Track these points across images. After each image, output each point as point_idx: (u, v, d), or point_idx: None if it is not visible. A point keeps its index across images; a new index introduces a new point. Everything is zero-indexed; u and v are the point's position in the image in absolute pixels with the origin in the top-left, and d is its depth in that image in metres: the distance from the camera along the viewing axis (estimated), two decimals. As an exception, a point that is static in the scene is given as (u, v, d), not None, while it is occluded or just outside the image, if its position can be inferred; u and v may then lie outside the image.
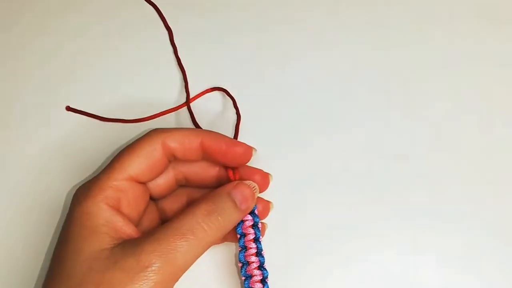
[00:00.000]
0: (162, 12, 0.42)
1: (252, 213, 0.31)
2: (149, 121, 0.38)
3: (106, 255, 0.26)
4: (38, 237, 0.35)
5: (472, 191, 0.37)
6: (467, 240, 0.35)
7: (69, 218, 0.28)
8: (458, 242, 0.35)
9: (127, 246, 0.27)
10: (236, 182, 0.31)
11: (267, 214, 0.33)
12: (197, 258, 0.28)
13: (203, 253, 0.28)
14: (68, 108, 0.39)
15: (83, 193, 0.29)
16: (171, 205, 0.34)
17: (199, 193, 0.33)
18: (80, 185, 0.30)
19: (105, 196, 0.28)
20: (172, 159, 0.31)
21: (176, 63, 0.41)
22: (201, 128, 0.36)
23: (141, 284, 0.25)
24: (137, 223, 0.31)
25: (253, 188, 0.31)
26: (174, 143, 0.30)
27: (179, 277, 0.27)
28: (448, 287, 0.34)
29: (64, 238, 0.28)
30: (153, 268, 0.26)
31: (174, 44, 0.41)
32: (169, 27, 0.42)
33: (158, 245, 0.26)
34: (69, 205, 0.29)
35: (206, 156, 0.31)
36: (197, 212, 0.28)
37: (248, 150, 0.31)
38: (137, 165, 0.29)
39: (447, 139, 0.38)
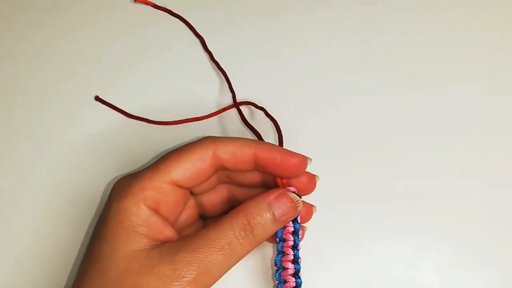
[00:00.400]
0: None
1: (294, 219, 0.31)
2: (185, 124, 0.39)
3: (143, 257, 0.26)
4: (71, 232, 0.35)
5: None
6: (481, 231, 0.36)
7: (107, 213, 0.28)
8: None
9: (165, 251, 0.27)
10: (279, 191, 0.29)
11: (309, 218, 0.33)
12: (230, 268, 0.28)
13: (237, 263, 0.28)
14: (97, 98, 0.39)
15: (123, 189, 0.28)
16: (210, 200, 0.33)
17: (241, 190, 0.33)
18: (116, 179, 0.30)
19: (145, 196, 0.28)
20: (221, 169, 0.30)
21: (213, 68, 0.41)
22: (253, 128, 0.36)
23: None
24: (174, 223, 0.31)
25: (296, 202, 0.30)
26: (226, 154, 0.29)
27: (211, 286, 0.28)
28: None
29: (100, 235, 0.28)
30: (188, 278, 0.26)
31: (208, 50, 0.42)
32: (199, 35, 0.42)
33: (195, 256, 0.26)
34: (104, 200, 0.30)
35: (258, 168, 0.30)
36: (235, 225, 0.28)
37: (304, 161, 0.30)
38: (183, 171, 0.29)
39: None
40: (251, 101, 0.39)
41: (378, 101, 0.40)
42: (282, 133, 0.35)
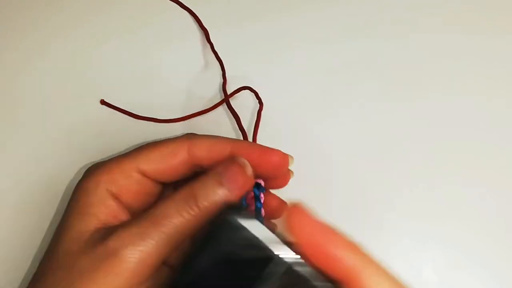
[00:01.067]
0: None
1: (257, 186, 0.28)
2: (180, 122, 0.38)
3: (85, 238, 0.25)
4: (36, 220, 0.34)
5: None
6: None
7: (73, 193, 0.28)
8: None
9: (104, 232, 0.25)
10: (227, 162, 0.27)
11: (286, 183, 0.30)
12: (174, 246, 0.25)
13: (182, 240, 0.25)
14: (102, 102, 0.39)
15: (90, 171, 0.28)
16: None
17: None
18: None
19: (108, 179, 0.27)
20: (199, 168, 0.29)
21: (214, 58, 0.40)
22: (235, 113, 0.34)
23: (106, 273, 0.24)
24: (136, 213, 0.29)
25: (244, 166, 0.27)
26: (201, 151, 0.28)
27: (153, 268, 0.25)
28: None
29: (64, 213, 0.28)
30: (120, 256, 0.24)
31: (210, 41, 0.41)
32: (204, 27, 0.42)
33: (129, 232, 0.24)
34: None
35: None
36: (176, 197, 0.25)
37: (284, 159, 0.28)
38: (151, 162, 0.28)
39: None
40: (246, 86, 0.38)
41: (381, 102, 0.39)
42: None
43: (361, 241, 0.31)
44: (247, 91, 0.38)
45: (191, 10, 0.42)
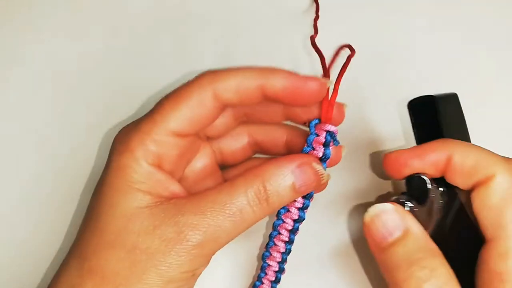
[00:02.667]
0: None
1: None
2: None
3: (145, 215, 0.24)
4: (67, 191, 0.32)
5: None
6: None
7: (106, 169, 0.26)
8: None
9: (170, 211, 0.24)
10: (304, 159, 0.26)
11: (338, 161, 0.28)
12: (238, 235, 0.25)
13: (246, 230, 0.25)
14: None
15: (122, 142, 0.26)
16: (229, 146, 0.30)
17: (263, 133, 0.30)
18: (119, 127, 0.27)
19: (145, 152, 0.25)
20: (225, 107, 0.27)
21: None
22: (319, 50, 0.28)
23: (179, 257, 0.24)
24: (184, 177, 0.28)
25: (321, 176, 0.26)
26: (228, 92, 0.26)
27: (216, 252, 0.25)
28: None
29: (100, 191, 0.26)
30: (193, 242, 0.24)
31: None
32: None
33: (202, 220, 0.24)
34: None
35: (269, 100, 0.26)
36: (249, 190, 0.25)
37: (323, 85, 0.26)
38: (181, 119, 0.25)
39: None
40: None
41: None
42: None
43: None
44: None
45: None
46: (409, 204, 0.25)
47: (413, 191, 0.26)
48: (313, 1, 0.34)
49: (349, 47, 0.26)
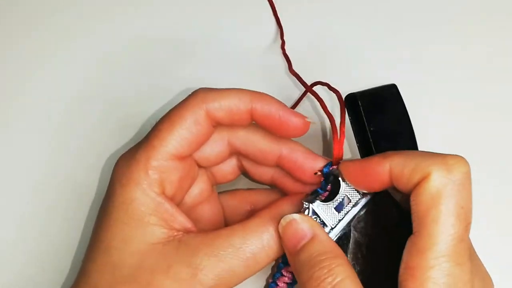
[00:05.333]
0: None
1: None
2: None
3: (158, 252, 0.25)
4: (71, 218, 0.32)
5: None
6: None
7: (111, 202, 0.26)
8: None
9: (183, 250, 0.25)
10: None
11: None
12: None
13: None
14: None
15: (124, 173, 0.26)
16: (220, 169, 0.30)
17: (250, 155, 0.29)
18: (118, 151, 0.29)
19: (148, 181, 0.25)
20: (217, 125, 0.28)
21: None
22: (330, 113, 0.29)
23: None
24: (182, 199, 0.29)
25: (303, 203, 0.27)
26: (220, 112, 0.26)
27: None
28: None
29: (107, 224, 0.26)
30: (206, 286, 0.24)
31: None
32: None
33: (217, 264, 0.25)
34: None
35: (256, 122, 0.28)
36: (264, 235, 0.26)
37: (304, 123, 0.27)
38: (179, 140, 0.26)
39: None
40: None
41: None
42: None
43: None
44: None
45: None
46: (309, 205, 0.27)
47: (328, 186, 0.28)
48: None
49: (332, 89, 0.29)
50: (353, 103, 0.30)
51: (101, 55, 0.35)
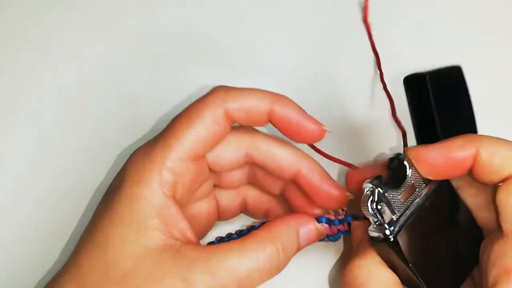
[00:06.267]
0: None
1: None
2: None
3: (155, 258, 0.24)
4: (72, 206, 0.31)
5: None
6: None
7: (118, 195, 0.25)
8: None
9: (179, 261, 0.24)
10: (309, 222, 0.27)
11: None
12: None
13: None
14: None
15: (137, 170, 0.25)
16: (229, 175, 0.30)
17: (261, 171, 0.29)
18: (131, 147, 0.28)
19: (161, 182, 0.25)
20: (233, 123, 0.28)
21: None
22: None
23: None
24: (189, 201, 0.28)
25: (322, 233, 0.28)
26: (239, 112, 0.26)
27: None
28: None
29: (109, 218, 0.25)
30: None
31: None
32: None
33: (211, 281, 0.24)
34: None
35: (272, 124, 0.27)
36: (260, 253, 0.25)
37: (321, 130, 0.27)
38: (196, 141, 0.26)
39: None
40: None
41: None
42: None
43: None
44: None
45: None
46: (375, 189, 0.25)
47: (393, 173, 0.26)
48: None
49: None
50: (419, 84, 0.29)
51: (114, 50, 0.34)
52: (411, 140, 0.31)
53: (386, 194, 0.25)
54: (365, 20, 0.34)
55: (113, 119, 0.33)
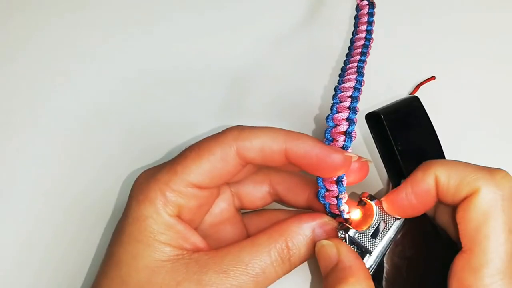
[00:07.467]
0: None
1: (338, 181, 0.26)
2: None
3: (167, 269, 0.25)
4: (87, 231, 0.33)
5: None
6: None
7: (126, 217, 0.26)
8: None
9: (192, 267, 0.25)
10: (323, 219, 0.27)
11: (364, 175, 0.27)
12: None
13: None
14: None
15: (142, 190, 0.26)
16: (249, 193, 0.30)
17: (285, 188, 0.30)
18: (140, 171, 0.28)
19: (165, 202, 0.25)
20: (248, 164, 0.27)
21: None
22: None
23: None
24: (201, 224, 0.29)
25: (338, 232, 0.27)
26: (252, 152, 0.26)
27: None
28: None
29: (120, 239, 0.26)
30: None
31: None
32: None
33: (226, 280, 0.24)
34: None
35: (293, 164, 0.26)
36: (273, 251, 0.25)
37: (347, 160, 0.25)
38: (202, 173, 0.26)
39: None
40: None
41: None
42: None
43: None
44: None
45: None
46: (345, 234, 0.27)
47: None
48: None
49: None
50: (376, 122, 0.29)
51: (138, 79, 0.36)
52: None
53: (355, 236, 0.26)
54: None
55: (125, 147, 0.35)
